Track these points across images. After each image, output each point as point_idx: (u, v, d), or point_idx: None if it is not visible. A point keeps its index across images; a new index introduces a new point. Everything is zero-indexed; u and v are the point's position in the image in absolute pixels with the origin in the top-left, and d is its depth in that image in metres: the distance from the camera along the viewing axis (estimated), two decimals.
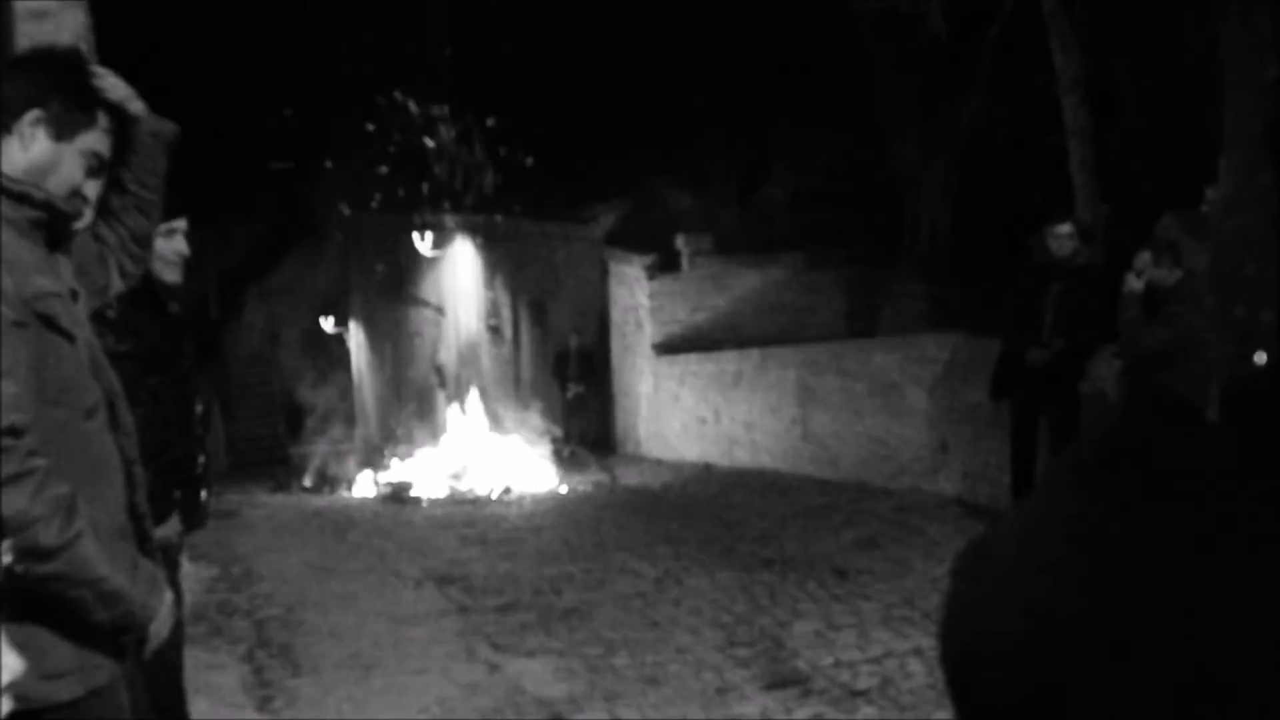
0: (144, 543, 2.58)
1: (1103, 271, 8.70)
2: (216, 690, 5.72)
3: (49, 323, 2.31)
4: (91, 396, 2.44)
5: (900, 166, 16.40)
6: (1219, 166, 8.20)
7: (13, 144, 2.38)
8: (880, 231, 16.10)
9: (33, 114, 2.39)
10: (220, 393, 18.34)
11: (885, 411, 10.95)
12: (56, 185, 2.43)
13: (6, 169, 2.36)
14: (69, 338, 2.36)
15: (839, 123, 16.24)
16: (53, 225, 2.44)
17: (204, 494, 4.39)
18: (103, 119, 2.51)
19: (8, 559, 1.30)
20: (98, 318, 2.76)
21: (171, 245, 4.04)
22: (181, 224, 4.07)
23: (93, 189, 2.53)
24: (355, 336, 27.47)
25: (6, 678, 1.35)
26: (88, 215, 2.62)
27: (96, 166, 2.52)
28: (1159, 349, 6.60)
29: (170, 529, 3.80)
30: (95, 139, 2.49)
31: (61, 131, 2.43)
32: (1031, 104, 13.93)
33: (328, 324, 26.63)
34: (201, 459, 4.36)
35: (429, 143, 25.41)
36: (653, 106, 17.67)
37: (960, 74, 15.21)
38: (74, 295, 2.48)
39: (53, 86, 2.43)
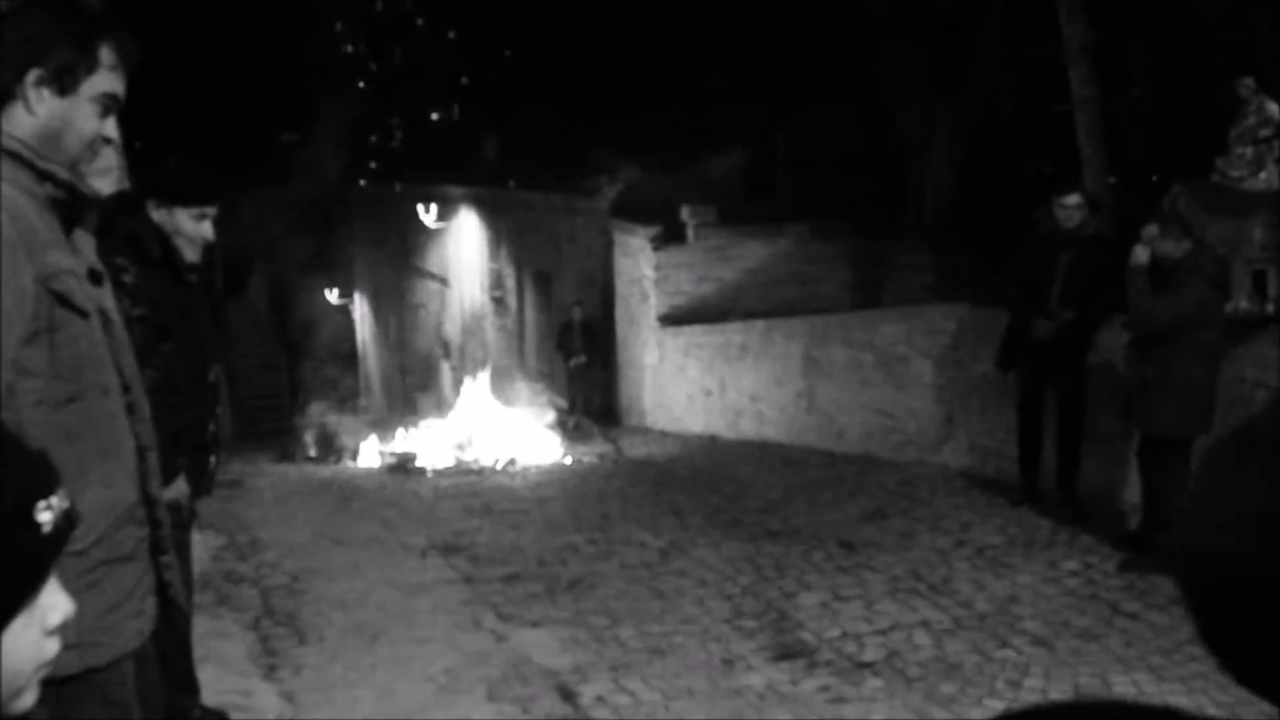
0: (156, 528, 2.56)
1: (1111, 242, 8.64)
2: (223, 658, 5.73)
3: (62, 300, 2.26)
4: (107, 376, 2.40)
5: (906, 136, 16.33)
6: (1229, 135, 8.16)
7: (18, 110, 2.25)
8: (886, 202, 16.04)
9: (34, 74, 2.24)
10: (226, 363, 18.36)
11: (891, 383, 10.91)
12: (75, 141, 2.32)
13: (23, 136, 2.25)
14: (82, 314, 2.32)
15: (844, 92, 16.17)
16: (72, 205, 2.39)
17: (212, 460, 4.41)
18: (106, 55, 2.34)
19: (45, 516, 1.28)
20: (114, 283, 2.71)
21: (199, 228, 4.11)
22: (212, 210, 4.16)
23: (112, 127, 2.40)
24: (360, 308, 27.52)
25: (57, 618, 1.34)
26: (111, 156, 2.54)
27: (111, 105, 2.37)
28: (1167, 320, 6.56)
29: (177, 490, 3.82)
30: (103, 80, 2.33)
31: (65, 84, 2.28)
32: (1038, 72, 13.85)
33: (333, 295, 26.67)
34: (211, 427, 4.38)
35: (434, 115, 25.41)
36: (657, 77, 17.61)
37: (966, 42, 15.13)
38: (94, 275, 2.42)
39: (49, 37, 2.27)
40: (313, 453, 15.85)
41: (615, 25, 18.52)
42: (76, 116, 2.31)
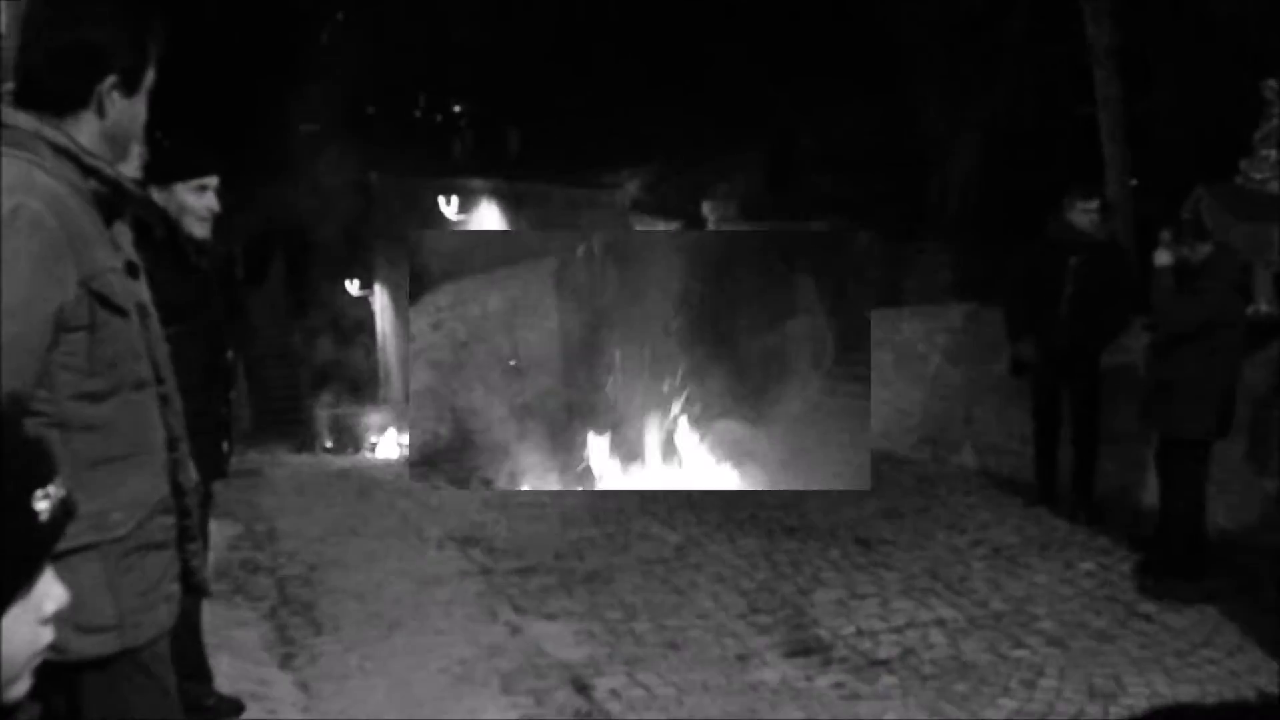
0: (185, 517, 2.60)
1: (1122, 245, 8.60)
2: (239, 647, 5.77)
3: (103, 301, 2.30)
4: (143, 369, 2.44)
5: (929, 134, 16.27)
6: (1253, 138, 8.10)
7: (88, 115, 2.34)
8: (907, 200, 15.98)
9: (109, 80, 2.34)
10: (245, 353, 18.42)
11: (910, 381, 10.89)
12: (133, 135, 2.44)
13: (84, 140, 2.32)
14: (121, 313, 2.35)
15: (867, 90, 16.11)
16: (114, 201, 2.42)
17: (225, 445, 4.41)
18: (153, 50, 2.44)
19: (42, 505, 1.30)
20: None
21: (202, 201, 4.11)
22: (213, 181, 4.15)
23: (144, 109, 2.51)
24: (380, 299, 27.54)
25: (52, 607, 1.36)
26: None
27: (150, 92, 2.48)
28: (1188, 322, 6.53)
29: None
30: (153, 73, 2.45)
31: (133, 86, 2.39)
32: (1063, 73, 13.78)
33: (353, 287, 26.70)
34: (224, 411, 4.39)
35: (456, 108, 25.42)
36: (680, 71, 17.57)
37: (991, 41, 15.06)
38: (131, 268, 2.46)
39: (118, 42, 2.36)
40: (330, 443, 15.91)
41: (638, 20, 18.49)
42: (139, 113, 2.44)
